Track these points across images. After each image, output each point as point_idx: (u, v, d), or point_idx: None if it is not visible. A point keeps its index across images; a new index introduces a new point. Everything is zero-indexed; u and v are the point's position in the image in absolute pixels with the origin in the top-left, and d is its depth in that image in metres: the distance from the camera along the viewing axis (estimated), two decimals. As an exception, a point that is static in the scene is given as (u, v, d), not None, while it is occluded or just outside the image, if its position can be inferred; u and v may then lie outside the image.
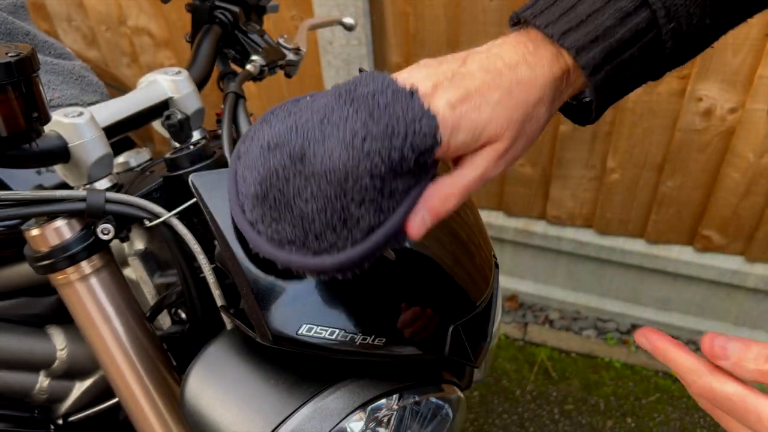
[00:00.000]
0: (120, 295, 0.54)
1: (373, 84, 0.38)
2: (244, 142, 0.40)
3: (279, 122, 0.39)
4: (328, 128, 0.37)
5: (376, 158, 0.36)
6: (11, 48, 0.40)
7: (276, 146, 0.38)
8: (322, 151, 0.36)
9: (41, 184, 0.65)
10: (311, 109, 0.39)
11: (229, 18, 0.75)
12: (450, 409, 0.57)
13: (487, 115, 0.38)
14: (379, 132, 0.36)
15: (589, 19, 0.37)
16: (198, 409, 0.49)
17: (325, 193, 0.37)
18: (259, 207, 0.38)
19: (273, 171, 0.38)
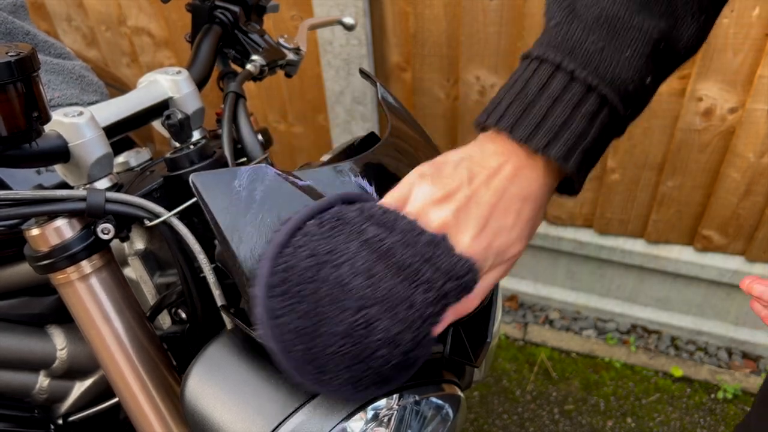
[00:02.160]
0: (120, 295, 0.54)
1: (402, 234, 0.40)
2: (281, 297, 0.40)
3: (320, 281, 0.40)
4: (383, 290, 0.39)
5: (436, 317, 0.41)
6: (11, 48, 0.40)
7: (336, 315, 0.39)
8: (386, 318, 0.39)
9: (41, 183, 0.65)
10: (348, 262, 0.40)
11: (229, 18, 0.75)
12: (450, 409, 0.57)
13: (507, 241, 0.43)
14: (434, 297, 0.40)
15: (564, 127, 0.41)
16: (198, 408, 0.49)
17: (398, 351, 0.40)
18: (332, 369, 0.40)
19: (341, 339, 0.39)
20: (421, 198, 0.42)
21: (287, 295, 0.40)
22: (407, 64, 1.59)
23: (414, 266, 0.39)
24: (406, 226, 0.40)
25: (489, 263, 0.42)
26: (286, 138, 1.90)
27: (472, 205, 0.41)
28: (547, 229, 1.74)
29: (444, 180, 0.42)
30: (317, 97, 1.74)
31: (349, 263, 0.39)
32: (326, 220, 0.41)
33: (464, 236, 0.41)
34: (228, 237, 0.43)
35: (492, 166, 0.42)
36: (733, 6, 1.21)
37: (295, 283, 0.40)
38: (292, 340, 0.40)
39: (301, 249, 0.40)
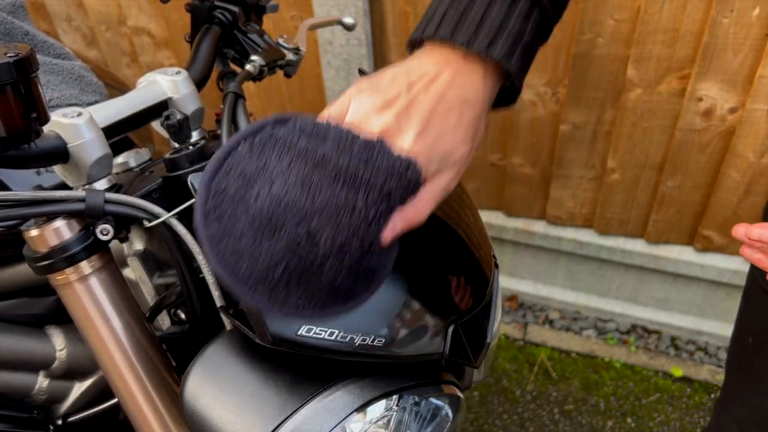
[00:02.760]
0: (119, 296, 0.54)
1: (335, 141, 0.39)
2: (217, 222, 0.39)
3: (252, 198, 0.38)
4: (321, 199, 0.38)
5: (381, 219, 0.40)
6: (10, 48, 0.40)
7: (274, 230, 0.38)
8: (329, 227, 0.38)
9: (40, 184, 0.65)
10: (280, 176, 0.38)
11: (228, 18, 0.75)
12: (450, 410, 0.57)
13: (451, 141, 0.43)
14: (376, 196, 0.39)
15: (502, 28, 0.43)
16: (198, 409, 0.48)
17: (348, 261, 0.39)
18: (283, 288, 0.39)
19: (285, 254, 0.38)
20: (360, 108, 0.42)
21: (222, 218, 0.39)
22: (407, 64, 1.59)
23: (351, 170, 0.38)
24: (340, 133, 0.40)
25: (434, 165, 0.42)
26: (286, 138, 1.90)
27: (412, 109, 0.41)
28: (547, 229, 1.74)
29: (383, 90, 0.42)
30: (317, 97, 1.73)
31: (282, 177, 0.38)
32: (257, 140, 0.40)
33: (406, 137, 0.41)
34: (227, 237, 0.43)
35: (431, 74, 0.43)
36: (733, 6, 1.21)
37: (228, 205, 0.39)
38: (236, 262, 0.39)
39: (231, 171, 0.39)
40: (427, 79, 0.43)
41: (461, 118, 0.43)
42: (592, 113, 1.48)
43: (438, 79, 0.43)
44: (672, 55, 1.32)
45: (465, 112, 0.43)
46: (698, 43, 1.28)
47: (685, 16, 1.26)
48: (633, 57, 1.35)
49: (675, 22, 1.27)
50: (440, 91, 0.42)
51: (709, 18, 1.23)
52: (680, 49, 1.31)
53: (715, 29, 1.24)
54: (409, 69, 0.44)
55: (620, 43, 1.35)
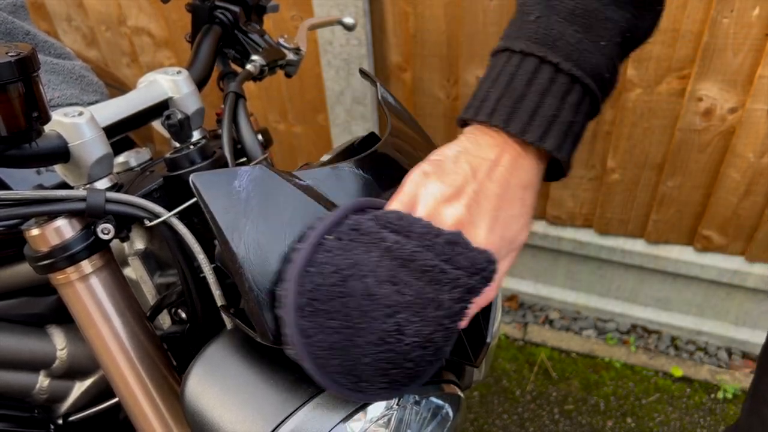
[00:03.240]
0: (120, 295, 0.54)
1: (419, 238, 0.41)
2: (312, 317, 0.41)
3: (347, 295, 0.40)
4: (409, 296, 0.40)
5: (463, 312, 0.42)
6: (11, 48, 0.40)
7: (366, 326, 0.40)
8: (416, 321, 0.40)
9: (41, 183, 0.65)
10: (371, 273, 0.40)
11: (229, 18, 0.75)
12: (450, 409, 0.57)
13: (516, 229, 0.45)
14: (461, 293, 0.41)
15: (555, 118, 0.44)
16: (198, 408, 0.49)
17: (431, 350, 0.42)
18: (369, 378, 0.42)
19: (374, 348, 0.40)
20: (430, 197, 0.43)
21: (317, 314, 0.40)
22: (407, 64, 1.59)
23: (437, 267, 0.40)
24: (422, 229, 0.41)
25: (503, 252, 0.44)
26: (286, 138, 1.90)
27: (481, 198, 0.43)
28: (547, 229, 1.74)
29: (448, 176, 0.43)
30: (317, 97, 1.74)
31: (373, 274, 0.40)
32: (344, 233, 0.42)
33: (479, 230, 0.43)
34: (228, 237, 0.43)
35: (491, 158, 0.44)
36: (733, 6, 1.21)
37: (323, 301, 0.40)
38: (327, 356, 0.41)
39: (324, 266, 0.41)
40: (488, 164, 0.44)
41: (523, 205, 0.45)
42: (592, 113, 1.48)
43: (499, 165, 0.44)
44: (672, 55, 1.32)
45: (526, 198, 0.45)
46: (698, 43, 1.28)
47: (685, 16, 1.26)
48: (633, 57, 1.35)
49: (675, 22, 1.27)
50: (503, 178, 0.44)
51: (709, 18, 1.24)
52: (680, 49, 1.31)
53: (715, 29, 1.24)
54: (467, 150, 0.45)
55: (620, 43, 1.35)
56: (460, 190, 0.43)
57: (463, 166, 0.43)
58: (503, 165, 0.44)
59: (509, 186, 0.44)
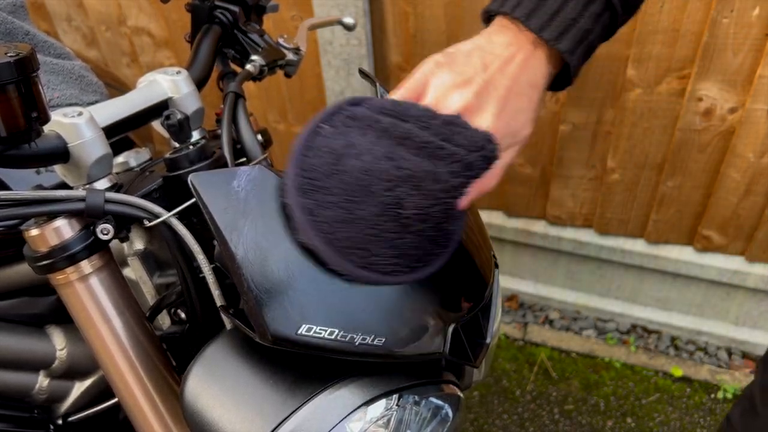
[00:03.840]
0: (120, 295, 0.54)
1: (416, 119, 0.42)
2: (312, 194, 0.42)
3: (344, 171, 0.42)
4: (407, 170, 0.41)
5: (462, 188, 0.43)
6: (11, 48, 0.40)
7: (366, 197, 0.42)
8: (416, 194, 0.42)
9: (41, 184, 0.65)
10: (367, 151, 0.42)
11: (229, 18, 0.75)
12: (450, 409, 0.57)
13: (521, 121, 0.46)
14: (459, 168, 0.42)
15: (574, 23, 0.45)
16: (198, 409, 0.48)
17: (432, 225, 0.43)
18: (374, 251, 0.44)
19: (377, 219, 0.42)
20: (440, 83, 0.45)
21: (317, 192, 0.42)
22: (407, 64, 1.59)
23: (434, 143, 0.42)
24: (419, 112, 0.43)
25: (507, 141, 0.46)
26: (286, 138, 1.90)
27: (490, 88, 0.44)
28: (547, 229, 1.74)
29: (460, 67, 0.45)
30: (317, 97, 1.74)
31: (369, 151, 0.42)
32: (338, 120, 0.44)
33: (486, 114, 0.44)
34: (227, 237, 0.43)
35: (504, 55, 0.46)
36: (733, 6, 1.21)
37: (320, 180, 0.42)
38: (332, 230, 0.42)
39: (319, 149, 0.43)
40: (501, 60, 0.45)
41: (530, 101, 0.47)
42: (592, 113, 1.48)
43: (512, 62, 0.45)
44: (672, 55, 1.32)
45: (533, 95, 0.47)
46: (698, 43, 1.28)
47: (685, 16, 1.26)
48: (633, 57, 1.35)
49: (675, 22, 1.27)
50: (514, 73, 0.45)
51: (709, 18, 1.23)
52: (680, 49, 1.31)
53: (715, 29, 1.24)
54: (482, 46, 0.46)
55: (620, 43, 1.35)
56: (469, 80, 0.44)
57: (475, 60, 0.45)
58: (515, 62, 0.45)
59: (519, 81, 0.45)
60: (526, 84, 0.46)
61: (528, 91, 0.46)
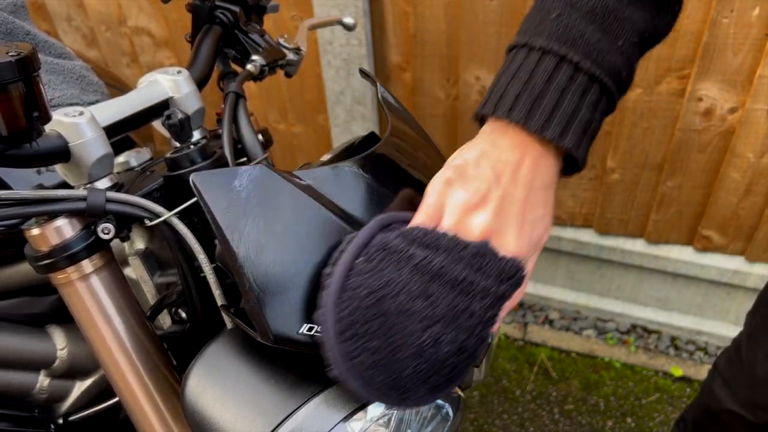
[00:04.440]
0: (120, 295, 0.54)
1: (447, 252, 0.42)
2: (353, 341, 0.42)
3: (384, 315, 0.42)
4: (442, 308, 0.42)
5: (494, 318, 0.43)
6: (12, 48, 0.40)
7: (405, 341, 0.42)
8: (451, 332, 0.42)
9: (42, 183, 0.65)
10: (404, 290, 0.42)
11: (229, 18, 0.75)
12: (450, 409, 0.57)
13: (540, 230, 0.45)
14: (491, 301, 0.42)
15: (574, 117, 0.44)
16: (198, 408, 0.49)
17: (465, 357, 0.44)
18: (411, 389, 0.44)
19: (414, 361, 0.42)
20: (456, 206, 0.43)
21: (357, 337, 0.42)
22: (407, 64, 1.59)
23: (467, 279, 0.41)
24: (450, 243, 0.42)
25: (530, 254, 0.45)
26: (286, 138, 1.90)
27: (507, 204, 0.43)
28: (547, 229, 1.74)
29: (472, 183, 0.44)
30: (317, 97, 1.74)
31: (405, 290, 0.41)
32: (373, 254, 0.43)
33: (508, 236, 0.43)
34: (228, 237, 0.43)
35: (512, 161, 0.44)
36: (733, 6, 1.21)
37: (362, 324, 0.42)
38: (371, 374, 0.43)
39: (358, 290, 0.42)
40: (511, 167, 0.44)
41: (546, 205, 0.46)
42: (592, 113, 1.48)
43: (522, 167, 0.44)
44: (672, 55, 1.32)
45: (548, 198, 0.46)
46: (698, 43, 1.28)
47: (685, 16, 1.26)
48: (633, 57, 1.35)
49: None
50: (527, 181, 0.44)
51: (709, 18, 1.24)
52: (680, 49, 1.31)
53: (715, 29, 1.24)
54: (487, 153, 0.45)
55: (620, 43, 1.35)
56: (485, 197, 0.43)
57: (486, 171, 0.44)
58: (525, 167, 0.44)
59: (532, 189, 0.44)
60: (540, 188, 0.45)
61: (543, 195, 0.45)
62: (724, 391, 0.98)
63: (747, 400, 0.93)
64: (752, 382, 0.91)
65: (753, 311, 0.92)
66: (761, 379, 0.89)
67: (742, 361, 0.93)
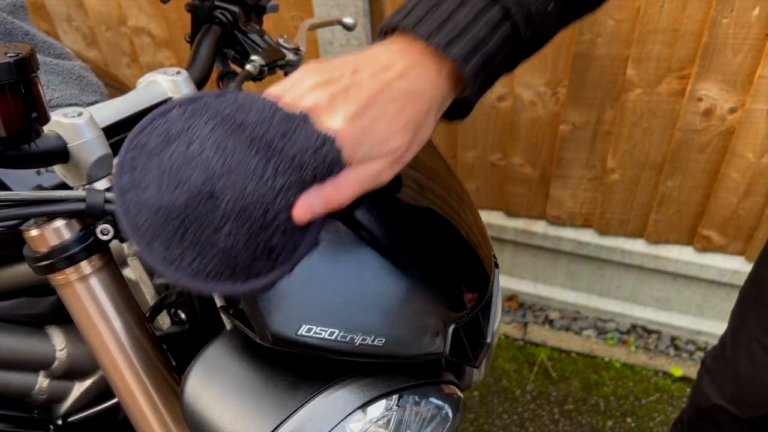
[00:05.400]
0: (119, 296, 0.54)
1: (258, 112, 0.39)
2: (130, 173, 0.39)
3: (167, 154, 0.39)
4: (230, 163, 0.38)
5: (290, 193, 0.38)
6: (10, 48, 0.40)
7: (178, 184, 0.38)
8: (232, 190, 0.37)
9: (41, 184, 0.65)
10: (199, 138, 0.39)
11: (228, 18, 0.75)
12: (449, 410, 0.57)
13: (386, 130, 0.41)
14: (286, 167, 0.38)
15: (467, 29, 0.42)
16: (198, 409, 0.49)
17: (247, 229, 0.38)
18: (177, 246, 0.38)
19: (184, 209, 0.37)
20: (299, 85, 0.42)
21: (135, 170, 0.39)
22: (407, 64, 1.59)
23: (266, 139, 0.38)
24: (264, 104, 0.40)
25: (364, 149, 0.40)
26: (286, 138, 1.90)
27: (351, 92, 0.41)
28: (547, 229, 1.74)
29: (328, 71, 0.42)
30: (317, 97, 1.73)
31: (200, 139, 0.38)
32: (190, 106, 0.41)
33: (335, 117, 0.40)
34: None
35: (381, 62, 0.42)
36: (733, 6, 1.21)
37: (143, 159, 0.39)
38: (137, 212, 0.38)
39: (156, 129, 0.40)
40: (377, 67, 0.42)
41: (404, 109, 0.42)
42: (591, 113, 1.48)
43: (388, 70, 0.42)
44: (672, 55, 1.32)
45: (410, 104, 0.42)
46: (698, 43, 1.28)
47: (685, 16, 1.26)
48: (633, 57, 1.35)
49: (675, 22, 1.27)
50: (387, 80, 0.41)
51: (709, 18, 1.23)
52: (680, 49, 1.31)
53: (715, 29, 1.24)
54: (363, 56, 0.43)
55: (620, 43, 1.35)
56: (330, 81, 0.41)
57: (347, 66, 0.42)
58: (393, 69, 0.42)
59: (390, 87, 0.41)
60: (403, 91, 0.41)
61: (404, 98, 0.41)
62: (712, 387, 1.00)
63: (733, 396, 0.95)
64: (736, 379, 0.93)
65: (735, 308, 0.94)
66: (744, 375, 0.90)
67: (727, 358, 0.94)
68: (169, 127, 0.40)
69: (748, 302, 0.91)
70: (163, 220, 0.38)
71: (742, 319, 0.92)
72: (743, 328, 0.91)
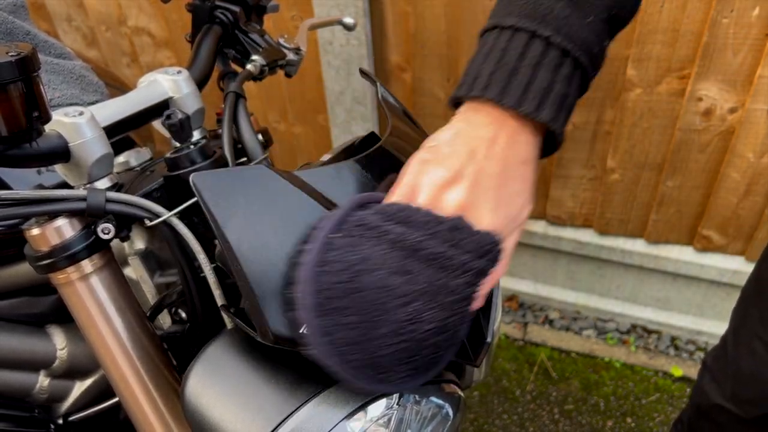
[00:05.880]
0: (120, 295, 0.54)
1: (422, 227, 0.41)
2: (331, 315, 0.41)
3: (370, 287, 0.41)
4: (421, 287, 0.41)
5: (473, 296, 0.43)
6: (12, 48, 0.40)
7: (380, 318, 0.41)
8: (429, 314, 0.41)
9: (42, 183, 0.65)
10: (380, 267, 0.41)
11: (229, 18, 0.75)
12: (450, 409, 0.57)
13: (518, 206, 0.45)
14: (466, 273, 0.42)
15: (549, 90, 0.44)
16: (198, 408, 0.49)
17: (448, 336, 0.43)
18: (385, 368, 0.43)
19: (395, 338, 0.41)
20: (430, 184, 0.43)
21: (334, 312, 0.41)
22: (407, 64, 1.59)
23: (444, 254, 0.41)
24: (425, 217, 0.42)
25: (508, 230, 0.44)
26: (286, 138, 1.90)
27: (481, 179, 0.43)
28: (547, 229, 1.74)
29: (446, 160, 0.43)
30: (317, 97, 1.74)
31: (383, 266, 0.41)
32: (349, 229, 0.43)
33: (483, 211, 0.43)
34: (228, 237, 0.43)
35: (487, 137, 0.44)
36: (733, 6, 1.21)
37: (338, 298, 0.41)
38: (348, 352, 0.42)
39: (335, 264, 0.41)
40: (485, 143, 0.43)
41: (524, 181, 0.45)
42: (591, 113, 1.48)
43: (497, 142, 0.43)
44: (672, 55, 1.32)
45: (526, 173, 0.45)
46: (698, 43, 1.28)
47: (685, 16, 1.26)
48: (633, 57, 1.35)
49: (675, 22, 1.27)
50: (502, 156, 0.43)
51: (709, 18, 1.24)
52: (680, 49, 1.31)
53: (714, 29, 1.24)
54: (462, 132, 0.44)
55: (620, 43, 1.35)
56: (459, 173, 0.43)
57: (460, 148, 0.43)
58: (500, 142, 0.43)
59: (508, 163, 0.43)
60: (517, 163, 0.44)
61: (520, 170, 0.44)
62: (712, 386, 1.00)
63: (734, 395, 0.95)
64: (738, 378, 0.93)
65: (737, 307, 0.94)
66: (746, 373, 0.90)
67: (728, 356, 0.95)
68: (345, 259, 0.41)
69: (750, 300, 0.91)
70: (374, 352, 0.42)
71: (744, 316, 0.92)
72: (745, 325, 0.91)
